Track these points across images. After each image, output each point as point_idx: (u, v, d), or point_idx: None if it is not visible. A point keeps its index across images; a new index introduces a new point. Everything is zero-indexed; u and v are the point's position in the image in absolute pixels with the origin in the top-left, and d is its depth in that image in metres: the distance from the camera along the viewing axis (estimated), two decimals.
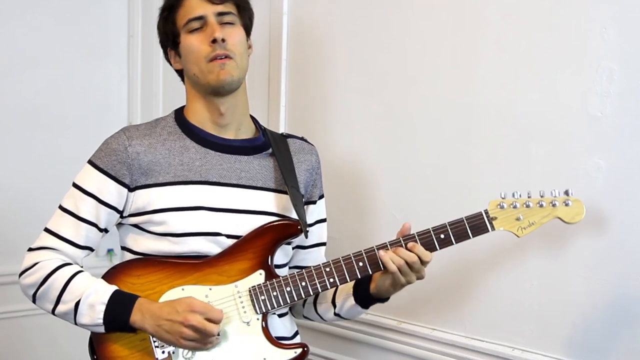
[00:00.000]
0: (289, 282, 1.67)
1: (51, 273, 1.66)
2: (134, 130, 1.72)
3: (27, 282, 1.69)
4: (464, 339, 2.04)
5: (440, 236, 1.63)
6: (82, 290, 1.63)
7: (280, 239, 1.70)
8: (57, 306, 1.66)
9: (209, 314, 1.58)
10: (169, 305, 1.60)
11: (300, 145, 1.85)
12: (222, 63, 1.67)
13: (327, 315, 1.85)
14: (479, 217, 1.63)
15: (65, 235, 1.69)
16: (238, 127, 1.77)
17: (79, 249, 1.71)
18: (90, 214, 1.69)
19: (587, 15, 1.79)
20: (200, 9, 1.69)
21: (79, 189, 1.70)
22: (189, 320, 1.56)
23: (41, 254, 1.69)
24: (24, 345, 2.87)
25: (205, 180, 1.70)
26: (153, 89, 3.04)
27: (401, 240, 1.64)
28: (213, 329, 1.58)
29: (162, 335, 1.60)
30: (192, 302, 1.59)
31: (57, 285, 1.65)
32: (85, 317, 1.63)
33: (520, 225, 1.63)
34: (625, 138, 1.75)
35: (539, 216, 1.63)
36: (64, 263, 1.68)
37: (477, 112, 2.00)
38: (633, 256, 1.74)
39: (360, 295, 1.74)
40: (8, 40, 2.79)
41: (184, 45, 1.71)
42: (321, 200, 1.89)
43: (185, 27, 1.70)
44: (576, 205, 1.62)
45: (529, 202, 1.63)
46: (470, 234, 1.63)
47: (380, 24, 2.21)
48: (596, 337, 1.81)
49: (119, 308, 1.62)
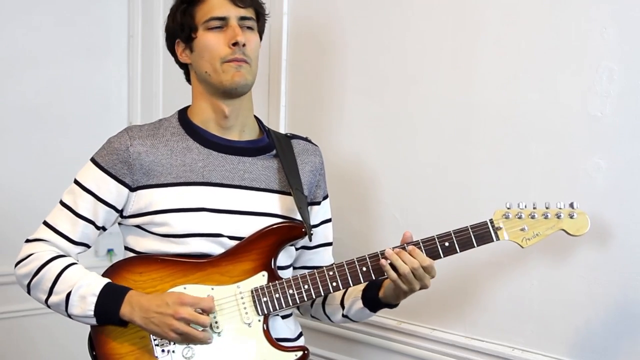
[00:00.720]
0: (292, 284, 1.67)
1: (45, 264, 1.66)
2: (137, 130, 1.72)
3: (21, 272, 1.70)
4: (464, 339, 2.04)
5: (444, 244, 1.63)
6: (74, 282, 1.64)
7: (284, 241, 1.70)
8: (49, 297, 1.66)
9: (200, 304, 1.58)
10: (159, 298, 1.59)
11: (304, 146, 1.85)
12: (238, 65, 1.66)
13: (335, 317, 1.85)
14: (484, 227, 1.63)
15: (62, 229, 1.70)
16: (242, 128, 1.76)
17: (74, 245, 1.72)
18: (87, 211, 1.70)
19: (587, 15, 1.79)
20: (224, 9, 1.68)
21: (79, 186, 1.71)
22: (180, 313, 1.56)
23: (37, 245, 1.70)
24: (25, 345, 2.86)
25: (207, 182, 1.70)
26: (153, 89, 3.04)
27: (405, 246, 1.64)
28: (205, 321, 1.58)
29: (151, 328, 1.59)
30: (182, 294, 1.59)
31: (50, 276, 1.65)
32: (76, 307, 1.63)
33: (525, 236, 1.64)
34: (625, 138, 1.75)
35: (544, 228, 1.63)
36: (58, 255, 1.69)
37: (478, 112, 2.00)
38: (633, 256, 1.74)
39: (369, 298, 1.74)
40: (8, 40, 2.79)
41: (201, 41, 1.69)
42: (325, 201, 1.89)
43: (206, 24, 1.68)
44: (581, 219, 1.63)
45: (534, 213, 1.64)
46: (475, 243, 1.63)
47: (381, 24, 2.21)
48: (596, 337, 1.81)
49: (110, 300, 1.62)
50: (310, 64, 2.42)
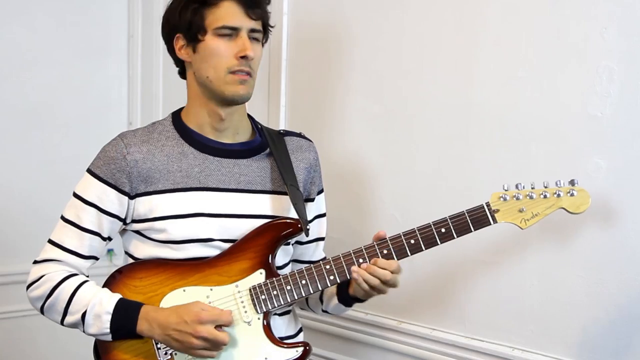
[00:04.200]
0: (289, 280, 1.67)
1: (57, 285, 1.67)
2: (132, 136, 1.71)
3: (34, 295, 1.70)
4: (464, 339, 2.04)
5: (441, 230, 1.63)
6: (87, 301, 1.64)
7: (280, 237, 1.70)
8: (65, 317, 1.67)
9: (219, 321, 1.59)
10: (176, 314, 1.60)
11: (297, 143, 1.84)
12: (243, 79, 1.66)
13: (316, 310, 1.89)
14: (481, 210, 1.63)
15: (69, 246, 1.70)
16: (236, 130, 1.76)
17: (84, 259, 1.71)
18: (92, 223, 1.69)
19: (587, 15, 1.79)
20: (237, 19, 1.66)
21: (80, 199, 1.70)
22: (199, 332, 1.57)
23: (47, 266, 1.70)
24: (27, 345, 2.87)
25: (204, 187, 1.69)
26: (153, 89, 3.04)
27: (376, 247, 1.65)
28: (224, 339, 1.59)
29: (172, 345, 1.61)
30: (200, 313, 1.59)
31: (64, 297, 1.66)
32: (92, 327, 1.64)
33: (524, 217, 1.60)
34: (625, 138, 1.75)
35: (543, 207, 1.60)
36: (69, 274, 1.69)
37: (477, 111, 2.00)
38: (633, 256, 1.74)
39: (342, 295, 1.76)
40: (8, 40, 2.80)
41: (209, 46, 1.66)
42: (320, 196, 1.88)
43: (216, 30, 1.65)
44: (581, 195, 1.59)
45: (532, 193, 1.60)
46: (472, 227, 1.62)
47: (380, 24, 2.21)
48: (596, 337, 1.81)
49: (124, 317, 1.63)
50: (310, 64, 2.42)
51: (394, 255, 1.64)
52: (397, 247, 1.64)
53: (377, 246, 1.65)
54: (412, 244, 1.64)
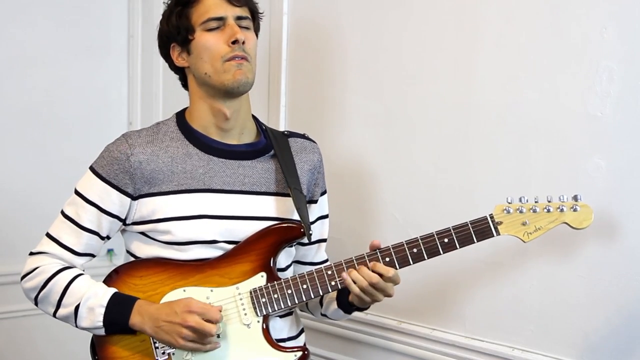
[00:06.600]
0: (290, 284, 1.67)
1: (52, 277, 1.67)
2: (136, 137, 1.70)
3: (28, 286, 1.70)
4: (464, 339, 2.04)
5: (444, 240, 1.63)
6: (81, 294, 1.64)
7: (283, 241, 1.70)
8: (58, 309, 1.67)
9: (207, 315, 1.58)
10: (168, 307, 1.60)
11: (301, 145, 1.84)
12: (239, 63, 1.65)
13: (315, 313, 1.89)
14: (484, 222, 1.62)
15: (66, 242, 1.70)
16: (241, 131, 1.75)
17: (79, 256, 1.71)
18: (91, 222, 1.69)
19: (587, 15, 1.79)
20: (221, 9, 1.67)
21: (81, 197, 1.69)
22: (187, 321, 1.56)
23: (41, 258, 1.70)
24: (25, 345, 2.87)
25: (208, 188, 1.69)
26: (153, 89, 3.04)
27: (366, 258, 1.64)
28: (211, 329, 1.58)
29: (162, 337, 1.60)
30: (190, 302, 1.59)
31: (58, 289, 1.66)
32: (85, 320, 1.64)
33: (527, 230, 1.61)
34: (625, 138, 1.75)
35: (546, 221, 1.61)
36: (64, 267, 1.69)
37: (477, 111, 2.00)
38: (633, 256, 1.74)
39: (341, 301, 1.76)
40: (8, 40, 2.79)
41: (199, 42, 1.67)
42: (323, 197, 1.88)
43: (203, 25, 1.67)
44: (584, 211, 1.60)
45: (536, 207, 1.61)
46: (475, 238, 1.62)
47: (381, 23, 2.21)
48: (596, 337, 1.81)
49: (118, 310, 1.63)
50: (310, 64, 2.42)
51: (396, 263, 1.64)
52: (400, 255, 1.64)
53: (379, 254, 1.65)
54: (414, 253, 1.64)
